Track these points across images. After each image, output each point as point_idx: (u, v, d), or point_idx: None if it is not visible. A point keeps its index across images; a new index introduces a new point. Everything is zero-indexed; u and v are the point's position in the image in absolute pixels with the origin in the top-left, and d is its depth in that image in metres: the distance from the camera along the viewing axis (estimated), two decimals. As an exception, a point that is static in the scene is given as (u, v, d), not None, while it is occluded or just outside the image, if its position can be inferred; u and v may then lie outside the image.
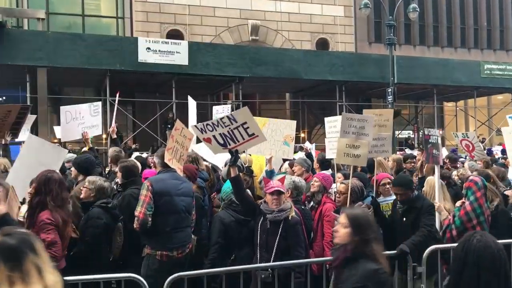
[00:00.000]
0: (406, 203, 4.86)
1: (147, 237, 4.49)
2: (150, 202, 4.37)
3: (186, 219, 4.67)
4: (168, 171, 4.69)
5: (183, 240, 4.59)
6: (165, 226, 4.44)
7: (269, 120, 6.88)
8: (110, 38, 15.67)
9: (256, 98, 20.96)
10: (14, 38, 13.35)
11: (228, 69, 15.47)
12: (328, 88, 17.95)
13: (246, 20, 20.77)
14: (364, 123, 5.12)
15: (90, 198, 4.80)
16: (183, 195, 4.64)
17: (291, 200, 4.74)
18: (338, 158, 5.28)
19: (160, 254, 4.43)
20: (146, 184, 4.49)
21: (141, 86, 17.21)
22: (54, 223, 3.89)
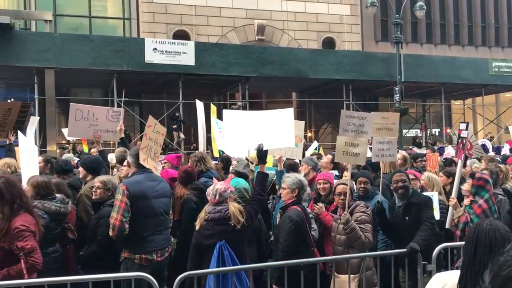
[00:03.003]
0: (405, 197, 4.88)
1: (124, 241, 4.32)
2: (126, 207, 4.22)
3: (164, 221, 4.56)
4: (144, 172, 4.51)
5: (162, 243, 4.48)
6: (143, 231, 4.32)
7: None
8: (117, 39, 15.72)
9: (262, 97, 20.96)
10: (22, 40, 13.45)
11: (235, 69, 15.48)
12: (334, 87, 17.90)
13: (252, 20, 20.77)
14: (364, 121, 5.02)
15: (106, 197, 4.81)
16: (160, 196, 4.51)
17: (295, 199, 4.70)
18: (337, 156, 5.22)
19: (139, 258, 4.31)
20: (121, 188, 4.29)
21: (148, 87, 17.25)
22: (30, 230, 3.59)
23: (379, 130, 5.50)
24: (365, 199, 5.52)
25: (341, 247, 4.63)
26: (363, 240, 4.49)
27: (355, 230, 4.48)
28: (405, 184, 4.90)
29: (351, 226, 4.48)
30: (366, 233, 4.55)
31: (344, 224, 4.51)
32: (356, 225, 4.52)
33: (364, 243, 4.51)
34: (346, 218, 4.51)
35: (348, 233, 4.50)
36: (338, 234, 4.67)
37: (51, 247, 4.33)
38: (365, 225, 4.59)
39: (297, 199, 4.73)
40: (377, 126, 5.51)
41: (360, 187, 5.54)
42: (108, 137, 7.45)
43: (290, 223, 4.39)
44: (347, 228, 4.49)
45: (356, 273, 4.46)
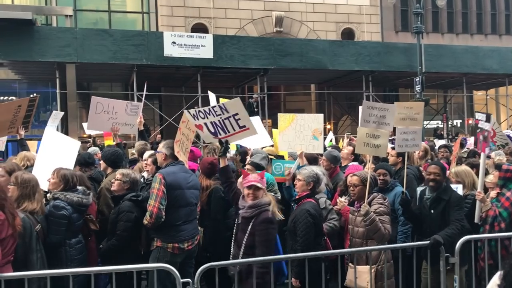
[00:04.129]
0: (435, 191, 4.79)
1: (157, 230, 4.47)
2: (164, 196, 4.37)
3: (194, 211, 4.74)
4: (177, 164, 4.69)
5: (192, 232, 4.64)
6: (176, 220, 4.47)
7: (297, 116, 6.86)
8: (136, 33, 15.83)
9: (281, 90, 20.89)
10: (43, 35, 13.65)
11: (253, 62, 15.45)
12: (354, 78, 17.75)
13: (270, 12, 20.67)
14: (385, 112, 4.94)
15: (123, 190, 4.87)
16: (192, 187, 4.69)
17: (309, 192, 4.69)
18: (358, 148, 5.18)
19: (171, 246, 4.45)
20: (158, 177, 4.46)
21: (167, 80, 17.36)
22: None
23: (403, 120, 5.43)
24: (385, 191, 5.48)
25: (359, 239, 4.60)
26: (382, 232, 4.46)
27: (375, 222, 4.45)
28: (438, 179, 4.79)
29: (371, 218, 4.45)
30: (385, 224, 4.51)
31: (364, 216, 4.47)
32: (376, 216, 4.49)
33: (384, 234, 4.48)
34: (366, 210, 4.48)
35: (368, 225, 4.47)
36: (356, 227, 4.65)
37: (74, 238, 4.42)
38: (383, 216, 4.55)
39: (311, 192, 4.72)
40: (401, 116, 5.43)
41: (379, 178, 5.50)
42: (126, 130, 7.53)
43: (309, 217, 4.37)
44: (366, 220, 4.46)
45: (373, 264, 4.44)
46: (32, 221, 3.96)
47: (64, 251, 4.29)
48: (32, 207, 4.01)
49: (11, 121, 6.61)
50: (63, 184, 4.42)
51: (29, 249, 3.87)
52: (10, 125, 6.63)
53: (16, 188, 4.04)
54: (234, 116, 4.45)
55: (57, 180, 4.44)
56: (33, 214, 4.02)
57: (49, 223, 4.19)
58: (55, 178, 4.46)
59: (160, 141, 13.35)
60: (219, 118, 4.52)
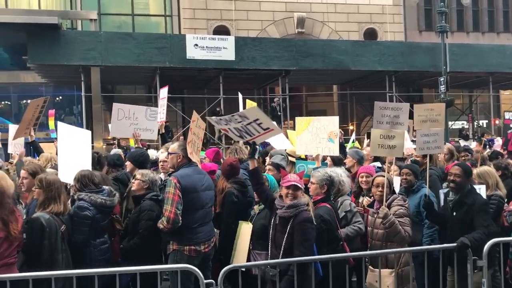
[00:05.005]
0: (457, 193, 4.70)
1: (172, 234, 4.41)
2: (180, 200, 4.30)
3: (210, 213, 4.68)
4: (191, 165, 4.60)
5: (208, 234, 4.59)
6: (193, 222, 4.41)
7: (313, 119, 6.90)
8: (159, 36, 16.01)
9: (303, 91, 20.83)
10: (69, 39, 13.93)
11: (275, 63, 15.44)
12: (377, 78, 17.57)
13: (292, 13, 20.64)
14: (399, 112, 4.88)
15: (142, 190, 4.92)
16: (207, 189, 4.62)
17: (324, 195, 4.63)
18: (373, 150, 5.12)
19: (188, 249, 4.40)
20: (172, 181, 4.36)
21: (190, 82, 17.50)
22: None
23: (424, 122, 5.34)
24: (411, 192, 5.40)
25: (379, 242, 4.53)
26: (402, 235, 4.39)
27: (395, 224, 4.37)
28: (458, 180, 4.68)
29: (390, 220, 4.38)
30: (405, 227, 4.44)
31: (383, 218, 4.40)
32: (395, 219, 4.42)
33: (404, 237, 4.41)
34: (385, 212, 4.40)
35: (387, 228, 4.40)
36: (376, 229, 4.58)
37: (99, 239, 4.48)
38: (403, 218, 4.48)
39: (326, 196, 4.60)
40: (421, 118, 5.36)
41: (402, 178, 5.43)
42: (147, 135, 7.63)
43: (321, 223, 4.27)
44: (385, 222, 4.38)
45: (392, 267, 4.37)
46: (57, 222, 4.05)
47: (89, 251, 4.36)
48: (58, 209, 4.09)
49: (29, 121, 6.77)
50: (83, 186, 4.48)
51: (54, 249, 3.96)
52: (27, 125, 6.78)
53: (42, 192, 4.13)
54: (255, 121, 4.45)
55: (74, 183, 4.53)
56: (58, 215, 4.10)
57: (73, 223, 4.27)
58: (75, 181, 4.53)
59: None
60: (240, 125, 4.52)
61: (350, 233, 4.81)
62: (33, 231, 3.90)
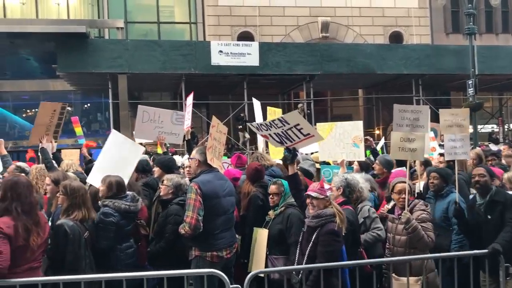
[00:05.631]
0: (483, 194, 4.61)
1: (194, 240, 4.43)
2: (201, 206, 4.32)
3: (231, 219, 4.69)
4: (211, 171, 4.61)
5: (230, 240, 4.60)
6: (214, 228, 4.43)
7: (336, 124, 6.89)
8: (185, 43, 16.19)
9: (328, 95, 20.71)
10: (97, 48, 14.21)
11: (299, 68, 15.42)
12: (403, 82, 17.35)
13: (316, 18, 20.58)
14: (419, 114, 4.86)
15: (169, 195, 4.97)
16: (228, 195, 4.63)
17: (344, 198, 4.60)
18: (393, 153, 5.08)
19: (210, 255, 4.41)
20: (193, 187, 4.38)
21: (214, 89, 17.61)
22: (2, 232, 3.49)
23: (450, 127, 5.31)
24: (439, 196, 5.31)
25: (401, 248, 4.46)
26: (426, 240, 4.31)
27: (417, 230, 4.30)
28: (482, 180, 4.61)
29: (412, 225, 4.30)
30: (428, 232, 4.36)
31: (405, 223, 4.33)
32: (418, 224, 4.34)
33: (427, 243, 4.33)
34: (407, 218, 4.33)
35: (410, 233, 4.33)
36: (397, 235, 4.51)
37: (125, 243, 4.56)
38: (426, 223, 4.41)
39: (347, 199, 4.64)
40: (447, 123, 5.33)
41: (429, 182, 5.37)
42: (172, 139, 7.58)
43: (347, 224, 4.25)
44: (408, 227, 4.31)
45: (418, 275, 4.28)
46: (80, 229, 4.13)
47: (115, 256, 4.43)
48: (82, 216, 4.17)
49: (47, 126, 6.68)
50: (109, 192, 4.56)
51: (78, 256, 4.05)
52: (46, 130, 6.67)
53: (66, 198, 4.21)
54: (295, 126, 4.46)
55: (104, 188, 4.60)
56: (82, 222, 4.17)
57: (98, 230, 4.35)
58: (103, 186, 4.62)
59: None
60: (281, 130, 4.54)
61: (369, 239, 4.77)
62: (57, 238, 3.99)
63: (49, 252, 3.97)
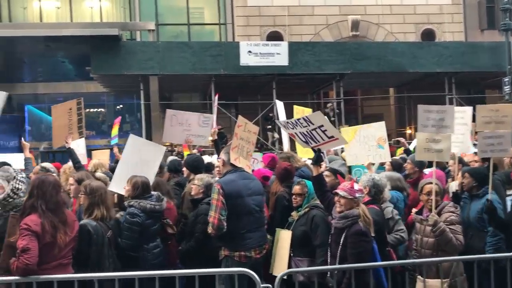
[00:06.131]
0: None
1: (222, 240, 4.48)
2: (223, 206, 4.35)
3: (260, 219, 4.66)
4: (236, 171, 4.63)
5: (259, 241, 4.58)
6: (240, 228, 4.44)
7: (359, 128, 6.88)
8: (214, 44, 16.31)
9: (358, 94, 20.50)
10: (128, 50, 14.50)
11: (329, 67, 15.31)
12: (435, 80, 16.98)
13: (346, 16, 20.38)
14: (444, 115, 4.81)
15: (200, 194, 5.04)
16: (254, 194, 4.61)
17: (368, 199, 4.55)
18: (418, 154, 5.01)
19: (238, 255, 4.43)
20: (216, 187, 4.44)
21: (243, 89, 17.67)
22: (30, 229, 3.60)
23: (487, 124, 5.19)
24: (475, 197, 5.19)
25: (429, 250, 4.38)
26: (454, 243, 4.22)
27: (445, 232, 4.22)
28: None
29: (440, 228, 4.22)
30: (457, 235, 4.28)
31: (432, 226, 4.25)
32: (446, 226, 4.25)
33: (456, 246, 4.24)
34: (434, 220, 4.26)
35: (437, 236, 4.25)
36: (425, 237, 4.43)
37: (152, 243, 4.63)
38: (455, 226, 4.32)
39: (373, 198, 4.60)
40: (485, 120, 5.21)
41: (462, 181, 5.26)
42: (199, 141, 7.72)
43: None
44: (435, 230, 4.24)
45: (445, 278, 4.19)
46: (103, 228, 4.21)
47: (142, 255, 4.51)
48: (101, 214, 4.24)
49: (68, 126, 6.75)
50: (135, 192, 4.63)
51: (101, 255, 4.13)
52: (68, 130, 6.72)
53: (86, 197, 4.31)
54: (320, 127, 4.45)
55: (130, 188, 4.68)
56: (103, 220, 4.25)
57: (124, 230, 4.45)
58: (128, 186, 4.70)
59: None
60: (306, 129, 4.54)
61: (391, 241, 4.73)
62: (81, 238, 4.06)
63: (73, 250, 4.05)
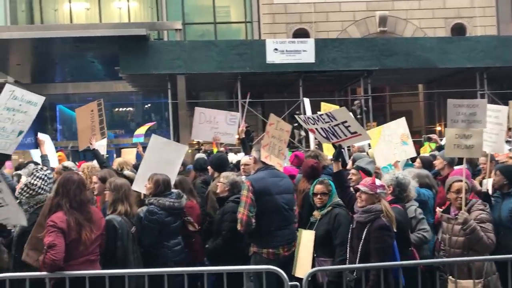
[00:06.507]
0: None
1: (251, 237, 4.54)
2: (252, 203, 4.39)
3: (289, 217, 4.68)
4: (267, 168, 4.67)
5: (288, 238, 4.59)
6: (269, 226, 4.47)
7: (382, 127, 6.83)
8: (240, 42, 16.35)
9: (386, 91, 20.21)
10: (156, 49, 14.65)
11: (356, 63, 15.13)
12: (466, 76, 16.58)
13: (374, 12, 20.12)
14: (475, 109, 4.65)
15: (225, 192, 5.08)
16: (284, 192, 4.63)
17: (392, 198, 4.47)
18: (448, 150, 4.87)
19: (266, 252, 4.46)
20: (246, 184, 4.51)
21: (270, 87, 17.67)
22: (56, 226, 3.71)
23: None
24: (507, 195, 5.05)
25: (458, 250, 4.29)
26: (485, 242, 4.13)
27: (476, 231, 4.12)
28: None
29: (471, 226, 4.12)
30: (488, 233, 4.18)
31: (463, 224, 4.16)
32: (477, 224, 4.15)
33: (487, 244, 4.14)
34: (464, 218, 4.16)
35: (468, 234, 4.15)
36: (454, 236, 4.33)
37: (173, 240, 4.69)
38: (486, 224, 4.22)
39: (396, 198, 4.52)
40: None
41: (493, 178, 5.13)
42: (226, 139, 7.82)
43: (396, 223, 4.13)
44: (466, 228, 4.14)
45: (478, 278, 4.09)
46: (128, 224, 4.30)
47: (163, 252, 4.58)
48: (125, 210, 4.34)
49: (91, 127, 6.85)
50: (156, 189, 4.71)
51: (127, 250, 4.21)
52: (92, 132, 6.82)
53: (111, 193, 4.43)
54: (343, 123, 4.41)
55: (151, 185, 4.76)
56: (127, 216, 4.36)
57: (144, 227, 4.52)
58: (150, 184, 4.78)
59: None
60: (328, 125, 4.51)
61: (413, 240, 4.65)
62: (107, 233, 4.15)
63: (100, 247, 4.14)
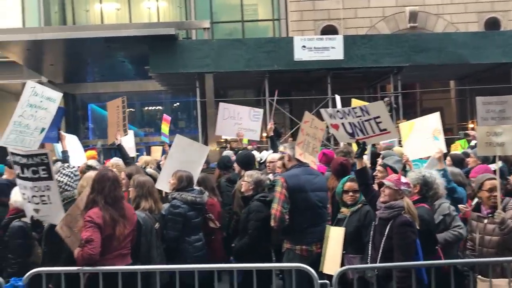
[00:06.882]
0: None
1: (285, 233, 4.59)
2: (285, 199, 4.44)
3: (322, 214, 4.72)
4: (301, 166, 4.71)
5: (320, 235, 4.60)
6: (302, 223, 4.51)
7: (415, 121, 6.72)
8: (268, 40, 16.33)
9: (416, 88, 19.87)
10: (185, 48, 14.79)
11: (386, 60, 14.91)
12: (500, 72, 16.12)
13: (403, 8, 19.79)
14: (505, 105, 4.63)
15: (250, 191, 5.10)
16: (317, 189, 4.65)
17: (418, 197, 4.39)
18: (480, 149, 4.77)
19: (299, 249, 4.51)
20: (280, 180, 4.55)
21: (297, 84, 17.59)
22: (93, 221, 3.82)
23: None
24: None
25: (492, 249, 4.19)
26: None
27: None
28: None
29: (509, 225, 4.03)
30: None
31: (500, 224, 4.06)
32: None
33: None
34: (502, 217, 4.06)
35: (506, 234, 4.05)
36: (488, 235, 4.24)
37: (194, 236, 4.79)
38: None
39: (422, 197, 4.44)
40: None
41: None
42: (250, 135, 7.82)
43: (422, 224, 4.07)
44: (504, 228, 4.04)
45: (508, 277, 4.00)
46: (151, 220, 4.42)
47: (184, 248, 4.65)
48: (148, 206, 4.46)
49: (116, 123, 6.97)
50: (180, 184, 4.86)
51: (151, 245, 4.33)
52: (117, 127, 6.94)
53: (134, 190, 4.56)
54: (375, 118, 4.37)
55: (175, 181, 4.90)
56: (151, 212, 4.47)
57: (167, 221, 4.64)
58: (173, 180, 4.93)
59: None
60: (358, 119, 4.47)
61: (449, 238, 4.57)
62: None
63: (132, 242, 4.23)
